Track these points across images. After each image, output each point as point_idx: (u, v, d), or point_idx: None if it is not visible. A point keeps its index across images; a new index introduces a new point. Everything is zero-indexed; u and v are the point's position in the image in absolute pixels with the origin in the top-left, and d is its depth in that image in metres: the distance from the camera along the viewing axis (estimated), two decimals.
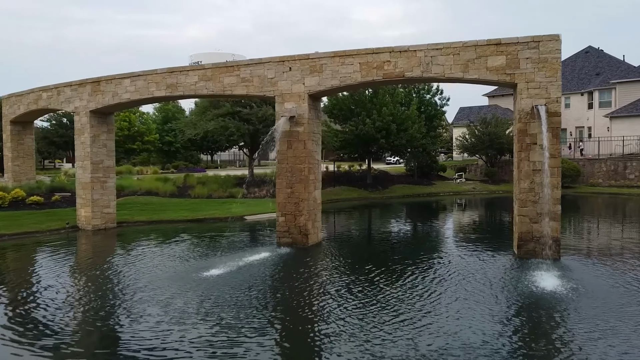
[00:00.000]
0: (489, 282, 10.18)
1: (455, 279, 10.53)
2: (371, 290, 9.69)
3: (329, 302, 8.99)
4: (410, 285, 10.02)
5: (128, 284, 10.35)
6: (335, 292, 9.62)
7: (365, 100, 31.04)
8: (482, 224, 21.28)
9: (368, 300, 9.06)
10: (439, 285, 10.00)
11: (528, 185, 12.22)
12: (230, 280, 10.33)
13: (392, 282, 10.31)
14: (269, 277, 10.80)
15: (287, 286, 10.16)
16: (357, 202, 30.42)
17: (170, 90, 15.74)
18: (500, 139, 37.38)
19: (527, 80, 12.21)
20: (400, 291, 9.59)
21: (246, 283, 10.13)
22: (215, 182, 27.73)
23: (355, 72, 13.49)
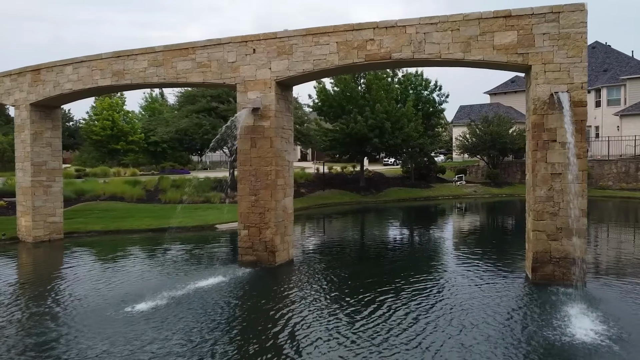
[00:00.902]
0: (498, 323, 7.69)
1: (455, 314, 8.04)
2: (344, 331, 7.21)
3: (288, 354, 6.51)
4: (396, 326, 7.52)
5: (23, 324, 7.86)
6: (296, 343, 7.13)
7: (357, 96, 28.59)
8: (486, 235, 18.78)
9: (335, 349, 6.58)
10: (433, 325, 7.50)
11: (545, 193, 9.74)
12: (152, 322, 7.80)
13: (373, 320, 7.81)
14: (208, 315, 8.29)
15: (228, 333, 7.66)
16: (348, 206, 27.95)
17: (116, 79, 13.27)
18: (503, 139, 34.90)
19: (544, 61, 9.74)
20: (380, 336, 7.10)
21: (171, 327, 7.62)
22: (191, 186, 25.23)
23: (332, 53, 11.01)
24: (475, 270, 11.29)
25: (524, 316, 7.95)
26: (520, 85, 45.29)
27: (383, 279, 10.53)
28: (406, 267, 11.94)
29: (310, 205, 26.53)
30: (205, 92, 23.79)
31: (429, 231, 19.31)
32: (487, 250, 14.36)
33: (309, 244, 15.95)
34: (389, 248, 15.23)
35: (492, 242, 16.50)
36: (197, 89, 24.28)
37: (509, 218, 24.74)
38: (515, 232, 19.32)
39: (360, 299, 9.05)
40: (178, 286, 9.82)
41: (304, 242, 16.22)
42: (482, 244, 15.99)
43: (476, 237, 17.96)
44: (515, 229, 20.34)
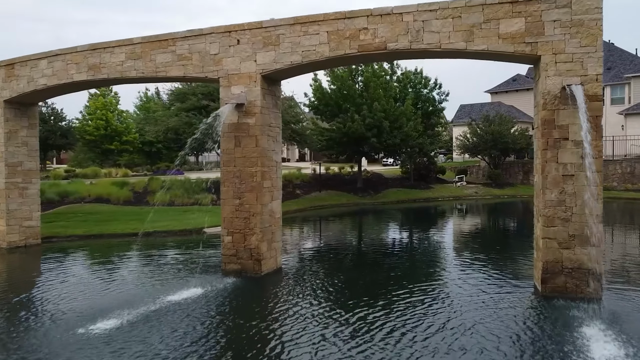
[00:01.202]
0: (505, 347, 6.77)
1: (457, 334, 7.13)
2: (332, 355, 6.30)
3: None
4: (391, 351, 6.59)
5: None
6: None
7: (354, 94, 27.68)
8: (489, 239, 17.87)
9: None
10: (431, 349, 6.58)
11: (556, 197, 8.82)
12: (112, 345, 6.87)
13: (366, 341, 6.89)
14: (177, 336, 7.36)
15: (200, 357, 6.74)
16: (346, 208, 27.04)
17: (92, 73, 12.35)
18: (505, 139, 33.99)
19: (554, 51, 8.83)
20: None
21: (132, 351, 6.70)
22: (182, 187, 24.31)
23: (322, 44, 10.10)
24: (478, 280, 10.37)
25: (535, 338, 7.02)
26: (521, 83, 44.39)
27: (379, 291, 9.61)
28: (404, 276, 11.02)
29: (306, 207, 25.61)
30: (196, 90, 22.89)
31: (429, 235, 18.39)
32: (490, 257, 13.43)
33: (302, 249, 15.03)
34: (386, 253, 14.31)
35: (496, 247, 15.57)
36: (188, 87, 23.40)
37: (512, 221, 23.84)
38: (520, 237, 18.41)
39: (353, 314, 8.13)
40: (151, 299, 8.90)
41: (296, 247, 15.31)
42: (485, 249, 15.07)
43: (478, 241, 17.04)
44: (519, 233, 19.44)
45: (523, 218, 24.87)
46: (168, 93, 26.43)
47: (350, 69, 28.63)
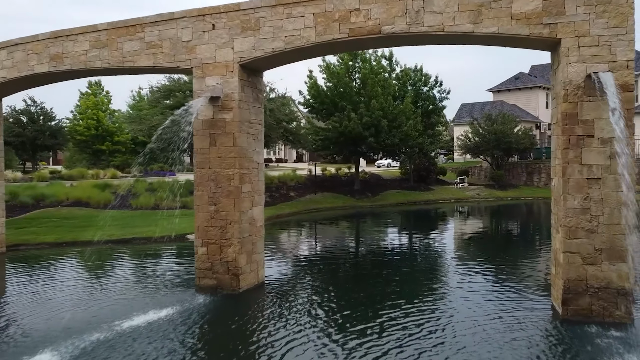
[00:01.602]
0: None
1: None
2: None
3: None
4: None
5: None
6: None
7: (351, 92, 26.39)
8: (495, 246, 16.58)
9: None
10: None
11: (580, 204, 7.53)
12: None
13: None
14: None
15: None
16: (342, 211, 25.75)
17: (54, 64, 11.05)
18: (508, 138, 32.70)
19: (577, 33, 7.54)
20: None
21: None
22: (169, 189, 23.01)
23: (308, 27, 8.81)
24: (485, 298, 9.08)
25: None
26: (524, 82, 43.13)
27: (374, 309, 8.31)
28: (402, 292, 9.72)
29: (300, 210, 24.32)
30: (183, 87, 21.60)
31: (430, 241, 17.10)
32: (498, 267, 12.13)
33: (290, 259, 13.74)
34: (384, 263, 13.02)
35: (504, 256, 14.27)
36: (174, 83, 22.14)
37: (517, 224, 22.54)
38: (527, 243, 17.14)
39: (344, 340, 6.85)
40: (106, 324, 7.61)
41: (284, 256, 14.02)
42: (491, 258, 13.77)
43: (483, 248, 15.74)
44: (527, 239, 18.16)
45: (528, 222, 23.60)
46: (154, 90, 25.12)
47: (347, 66, 27.37)
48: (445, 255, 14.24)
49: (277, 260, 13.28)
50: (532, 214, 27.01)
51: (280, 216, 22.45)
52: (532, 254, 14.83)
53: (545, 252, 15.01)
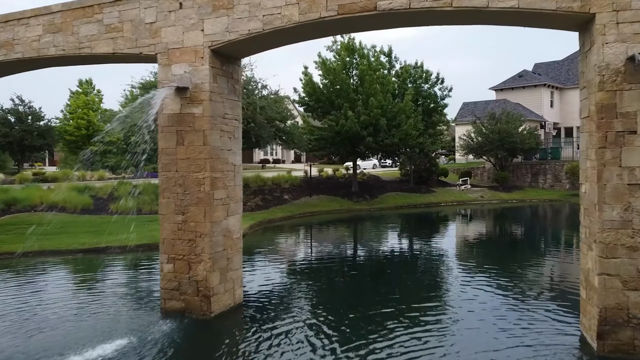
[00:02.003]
0: None
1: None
2: None
3: None
4: None
5: None
6: None
7: (348, 89, 25.01)
8: (502, 254, 15.20)
9: None
10: None
11: (620, 215, 6.15)
12: None
13: None
14: None
15: None
16: (338, 214, 24.40)
17: (4, 52, 9.67)
18: (513, 138, 31.35)
19: (615, 7, 6.17)
20: None
21: None
22: (154, 192, 21.61)
23: (290, 4, 7.43)
24: (498, 321, 7.69)
25: None
26: (528, 80, 41.78)
27: (367, 333, 6.92)
28: (402, 310, 8.35)
29: (294, 213, 22.94)
30: None
31: (432, 248, 15.72)
32: (509, 281, 10.74)
33: (277, 272, 12.36)
34: (381, 273, 11.64)
35: (513, 266, 12.87)
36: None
37: (525, 230, 21.16)
38: (538, 251, 15.74)
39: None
40: (47, 359, 6.24)
41: (271, 269, 12.64)
42: (501, 268, 12.37)
43: (491, 257, 14.36)
44: (536, 247, 16.77)
45: (536, 226, 22.20)
46: (136, 86, 23.65)
47: (344, 62, 26.00)
48: (451, 266, 12.85)
49: (262, 273, 11.90)
50: (539, 218, 25.64)
51: (272, 221, 21.08)
52: (544, 264, 13.46)
53: (560, 262, 13.63)
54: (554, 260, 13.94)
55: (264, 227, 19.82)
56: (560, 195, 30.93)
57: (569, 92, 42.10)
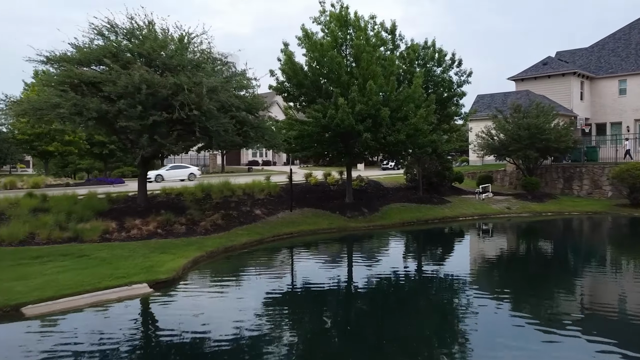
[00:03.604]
0: None
1: None
2: None
3: None
4: None
5: None
6: None
7: (340, 70, 18.96)
8: (568, 302, 9.04)
9: None
10: None
11: None
12: None
13: None
14: None
15: None
16: (326, 235, 18.42)
17: None
18: (545, 135, 25.28)
19: None
20: None
21: None
22: (68, 208, 15.54)
23: None
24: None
25: None
26: (554, 67, 35.72)
27: None
28: None
29: (264, 237, 16.86)
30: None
31: (457, 296, 9.62)
32: None
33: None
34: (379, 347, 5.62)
35: (589, 328, 6.80)
36: (107, 39, 14.76)
37: (581, 257, 14.98)
38: (619, 295, 9.59)
39: None
40: None
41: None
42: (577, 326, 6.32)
43: (551, 307, 8.24)
44: (612, 287, 10.61)
45: (595, 251, 15.81)
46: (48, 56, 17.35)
47: (335, 36, 19.95)
48: (488, 329, 6.80)
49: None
50: (591, 237, 19.54)
51: (230, 249, 15.01)
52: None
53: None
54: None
55: (214, 261, 13.78)
56: (603, 206, 24.90)
57: (602, 82, 36.07)
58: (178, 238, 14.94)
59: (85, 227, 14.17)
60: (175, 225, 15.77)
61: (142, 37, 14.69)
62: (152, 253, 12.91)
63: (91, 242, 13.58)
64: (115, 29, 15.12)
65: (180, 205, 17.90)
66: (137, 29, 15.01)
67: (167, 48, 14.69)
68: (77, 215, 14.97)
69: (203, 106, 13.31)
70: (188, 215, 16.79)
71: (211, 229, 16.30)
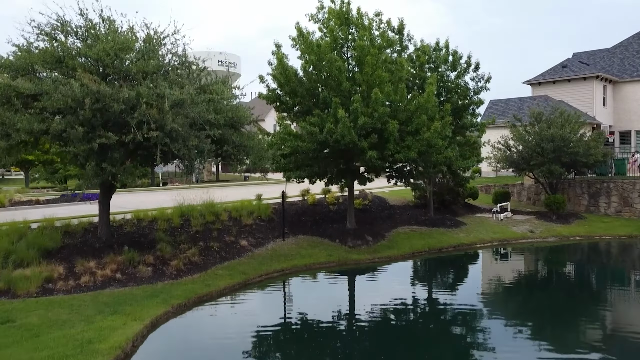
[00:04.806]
0: None
1: None
2: None
3: None
4: None
5: None
6: None
7: (340, 76, 16.13)
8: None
9: None
10: None
11: None
12: None
13: None
14: None
15: None
16: (325, 268, 15.72)
17: None
18: (575, 148, 22.40)
19: None
20: None
21: None
22: (7, 247, 12.68)
23: None
24: None
25: None
26: (575, 71, 32.85)
27: None
28: None
29: (250, 277, 14.03)
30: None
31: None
32: None
33: None
34: None
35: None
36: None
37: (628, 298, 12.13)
38: None
39: None
40: None
41: None
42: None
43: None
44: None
45: None
46: None
47: (334, 36, 17.13)
48: None
49: None
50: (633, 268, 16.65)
51: (204, 298, 12.17)
52: None
53: None
54: None
55: (181, 320, 10.95)
56: (638, 228, 22.04)
57: (626, 85, 33.20)
58: (140, 285, 12.12)
59: (23, 274, 11.36)
60: (140, 267, 12.94)
61: (95, 37, 11.86)
62: (100, 314, 10.09)
63: (26, 297, 10.78)
64: (65, 27, 12.32)
65: (150, 238, 15.07)
66: (89, 27, 12.18)
67: (128, 51, 11.83)
68: (17, 256, 12.15)
69: (166, 125, 10.47)
70: (158, 251, 13.97)
71: (184, 269, 13.49)
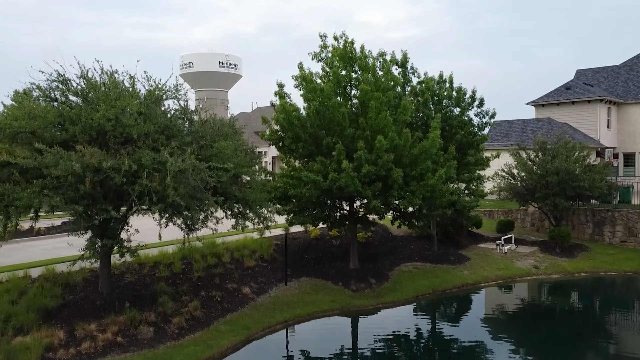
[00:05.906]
0: None
1: None
2: None
3: None
4: None
5: None
6: None
7: (343, 122, 15.96)
8: None
9: None
10: None
11: None
12: None
13: None
14: None
15: None
16: (326, 319, 15.50)
17: None
18: (579, 182, 22.18)
19: None
20: None
21: None
22: (6, 309, 12.54)
23: None
24: None
25: None
26: (579, 92, 32.61)
27: None
28: None
29: (252, 332, 13.90)
30: (94, 118, 10.97)
31: None
32: None
33: None
34: None
35: None
36: (78, 105, 11.81)
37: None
38: None
39: None
40: None
41: None
42: None
43: None
44: None
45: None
46: None
47: (337, 77, 16.98)
48: None
49: None
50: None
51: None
52: None
53: None
54: None
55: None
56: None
57: (631, 107, 32.95)
58: (142, 350, 11.97)
59: (23, 343, 11.22)
60: (141, 327, 12.80)
61: (96, 99, 11.71)
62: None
63: None
64: (66, 84, 12.19)
65: (151, 290, 14.91)
66: (91, 88, 12.03)
67: (128, 117, 11.50)
68: (17, 320, 12.01)
69: (168, 198, 10.32)
70: (159, 306, 13.83)
71: (186, 327, 13.35)
